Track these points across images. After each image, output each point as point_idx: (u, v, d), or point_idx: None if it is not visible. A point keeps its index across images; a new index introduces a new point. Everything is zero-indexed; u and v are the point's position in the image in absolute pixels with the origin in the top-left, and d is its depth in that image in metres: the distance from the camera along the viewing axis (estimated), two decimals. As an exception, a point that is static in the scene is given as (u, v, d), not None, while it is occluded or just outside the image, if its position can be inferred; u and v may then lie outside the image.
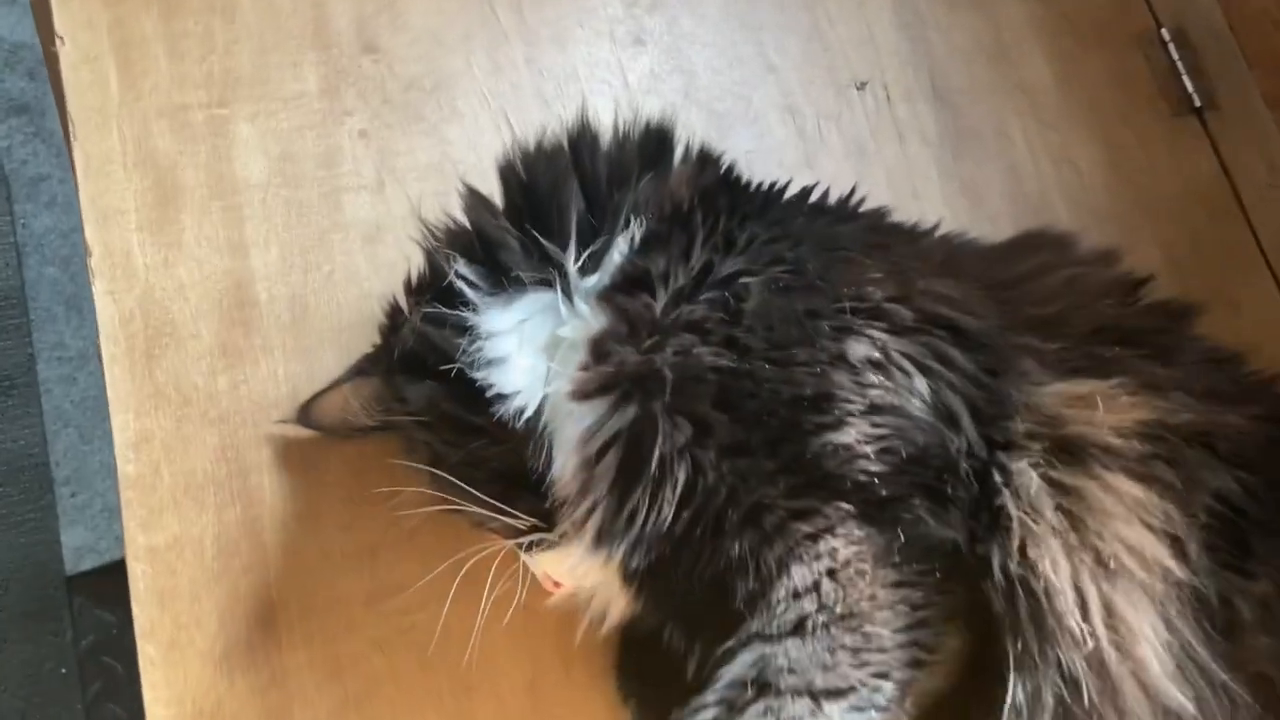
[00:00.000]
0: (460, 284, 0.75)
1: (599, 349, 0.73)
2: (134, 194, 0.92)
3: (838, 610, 0.68)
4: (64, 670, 1.58)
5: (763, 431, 0.70)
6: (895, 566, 0.69)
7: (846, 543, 0.69)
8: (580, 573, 0.78)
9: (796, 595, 0.68)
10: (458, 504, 0.79)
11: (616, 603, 0.80)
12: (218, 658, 0.85)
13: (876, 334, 0.72)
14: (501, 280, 0.76)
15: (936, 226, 0.88)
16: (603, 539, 0.73)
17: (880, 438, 0.70)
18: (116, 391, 0.88)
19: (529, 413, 0.74)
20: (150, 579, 0.85)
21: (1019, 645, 0.69)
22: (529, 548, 0.79)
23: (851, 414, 0.70)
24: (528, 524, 0.77)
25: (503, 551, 0.83)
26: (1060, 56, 1.19)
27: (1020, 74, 1.18)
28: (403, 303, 0.82)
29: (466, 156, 1.00)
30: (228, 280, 0.93)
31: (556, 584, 0.82)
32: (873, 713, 0.67)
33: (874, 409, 0.70)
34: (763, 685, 0.67)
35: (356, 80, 1.00)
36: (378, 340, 0.85)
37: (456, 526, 0.83)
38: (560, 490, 0.74)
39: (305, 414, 0.87)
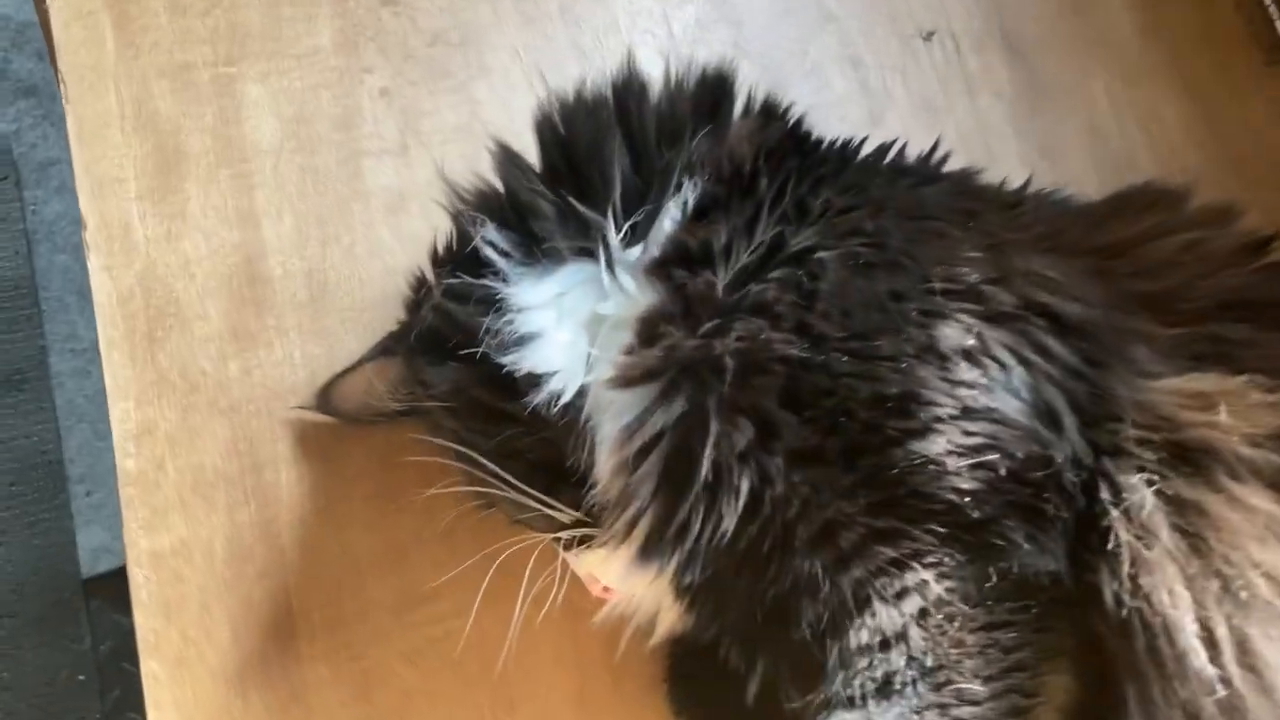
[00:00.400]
0: (489, 251, 0.66)
1: (648, 330, 0.64)
2: (133, 160, 0.83)
3: (928, 663, 0.60)
4: (82, 677, 1.51)
5: (839, 437, 0.61)
6: (986, 606, 0.60)
7: (938, 576, 0.60)
8: (628, 581, 0.69)
9: (884, 645, 0.60)
10: (495, 494, 0.70)
11: (667, 615, 0.72)
12: (230, 674, 0.77)
13: (970, 319, 0.63)
14: (535, 249, 0.67)
15: (1027, 185, 0.77)
16: (651, 550, 0.64)
17: (974, 449, 0.61)
18: (115, 378, 0.80)
19: (567, 398, 0.65)
20: (154, 587, 0.77)
21: (1138, 689, 0.60)
22: (572, 545, 0.70)
23: (941, 419, 0.61)
24: (572, 518, 0.68)
25: (540, 545, 0.74)
26: (1142, 5, 1.09)
27: (1099, 25, 1.08)
28: (429, 275, 0.73)
29: (497, 116, 0.91)
30: (237, 255, 0.84)
31: (605, 589, 0.73)
32: None
33: (967, 413, 0.61)
34: None
35: (376, 34, 0.91)
36: (403, 318, 0.76)
37: (495, 524, 0.75)
38: (601, 494, 0.65)
39: (324, 399, 0.79)
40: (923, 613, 0.60)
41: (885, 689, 0.60)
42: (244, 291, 0.83)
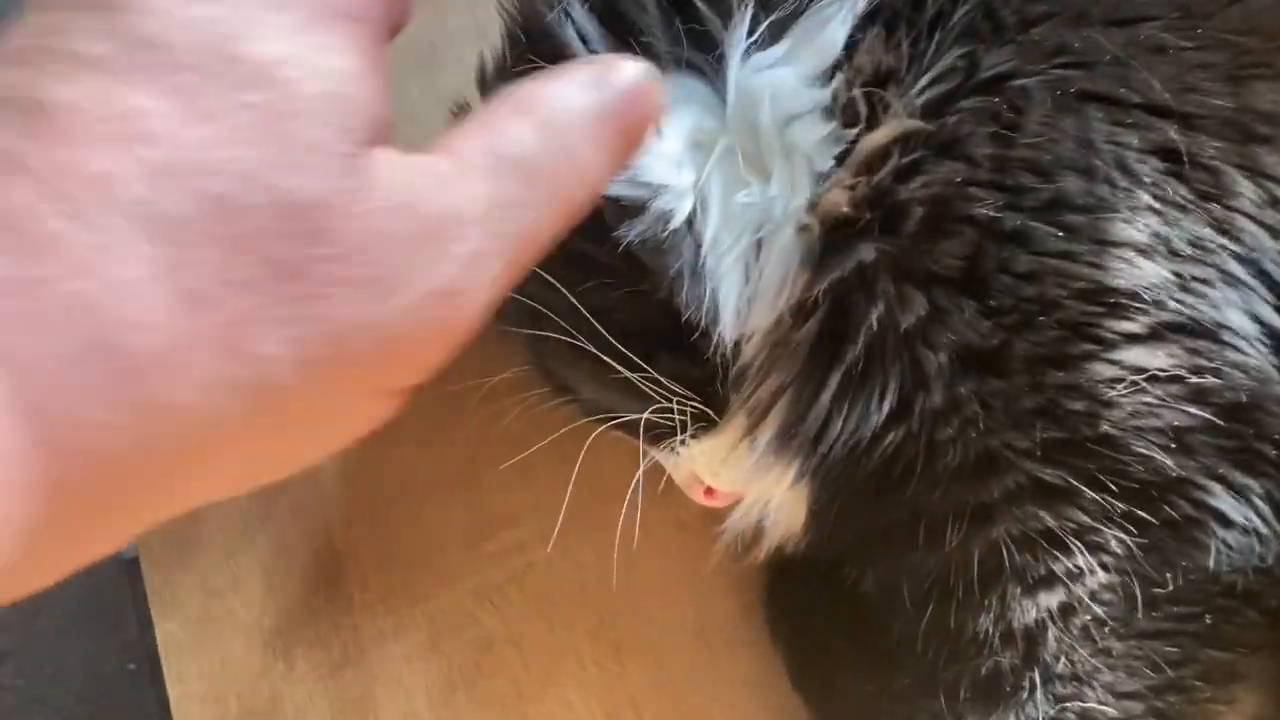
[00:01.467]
0: (572, 36, 0.50)
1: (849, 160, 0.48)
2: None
3: (1056, 669, 0.48)
4: (132, 666, 1.39)
5: (1029, 339, 0.46)
6: (1152, 611, 0.48)
7: (1097, 563, 0.47)
8: (747, 480, 0.54)
9: (1004, 639, 0.49)
10: (573, 376, 0.55)
11: (785, 524, 0.56)
12: (268, 632, 0.62)
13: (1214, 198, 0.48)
14: (629, 47, 0.50)
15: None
16: (784, 443, 0.50)
17: (1197, 369, 0.46)
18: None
19: (677, 222, 0.48)
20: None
21: None
22: (672, 437, 0.55)
23: (1162, 330, 0.46)
24: (676, 399, 0.52)
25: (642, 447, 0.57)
26: None
27: None
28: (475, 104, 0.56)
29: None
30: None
31: (709, 492, 0.58)
32: None
33: (1193, 327, 0.47)
34: None
35: None
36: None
37: (581, 429, 0.59)
38: (721, 365, 0.51)
39: None
40: (1065, 610, 0.48)
41: (990, 689, 0.49)
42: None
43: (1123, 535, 0.47)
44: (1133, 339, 0.46)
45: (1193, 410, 0.46)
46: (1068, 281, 0.46)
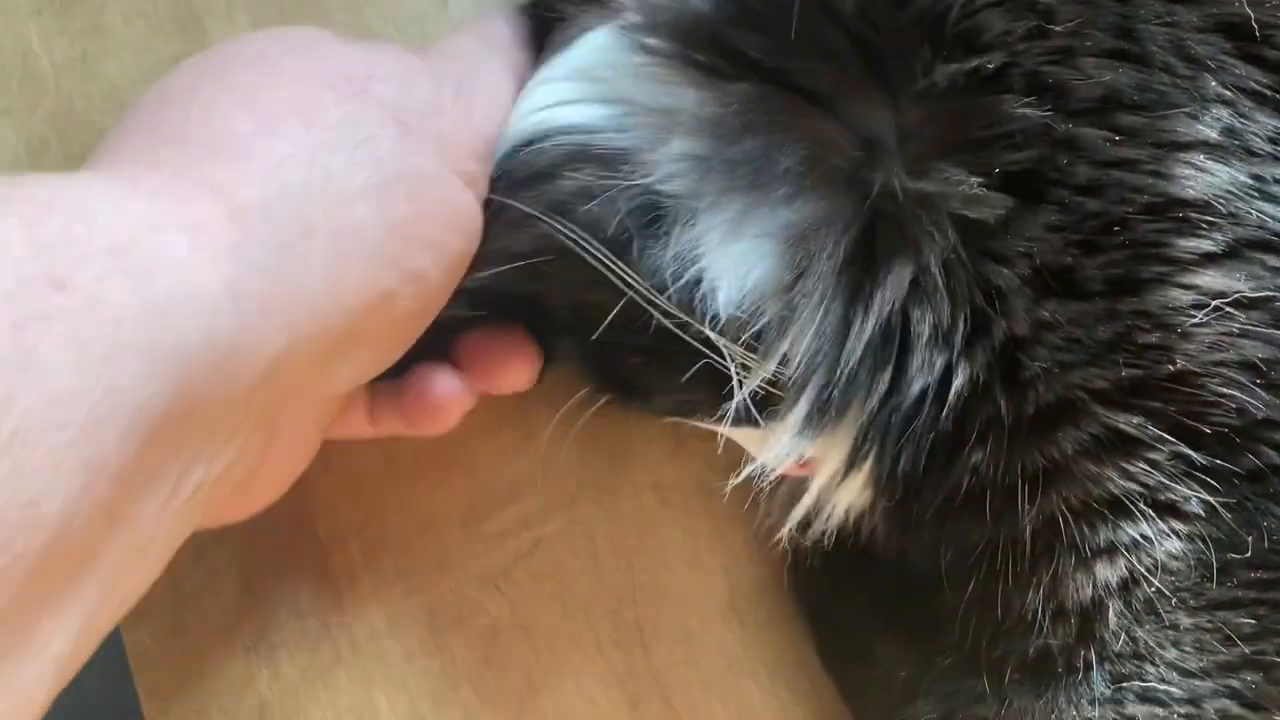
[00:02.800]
0: None
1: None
2: (21, -36, 0.60)
3: (1115, 647, 0.43)
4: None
5: (1100, 259, 0.40)
6: (1226, 580, 0.42)
7: (1167, 529, 0.42)
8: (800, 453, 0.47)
9: (1056, 616, 0.43)
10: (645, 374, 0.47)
11: (841, 499, 0.48)
12: (248, 638, 0.56)
13: None
14: None
15: None
16: (822, 408, 0.43)
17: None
18: (39, 259, 0.57)
19: None
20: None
21: None
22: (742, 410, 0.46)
23: (1239, 243, 0.41)
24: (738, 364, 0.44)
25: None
26: None
27: None
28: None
29: None
30: (181, 73, 0.60)
31: (805, 463, 0.49)
32: None
33: (1276, 243, 0.41)
34: None
35: None
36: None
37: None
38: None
39: None
40: (1127, 584, 0.43)
41: (1039, 669, 0.44)
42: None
43: (1201, 493, 0.41)
44: (1208, 259, 0.40)
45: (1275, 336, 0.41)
46: (1131, 195, 0.40)
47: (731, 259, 0.42)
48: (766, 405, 0.45)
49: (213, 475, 0.36)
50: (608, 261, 0.42)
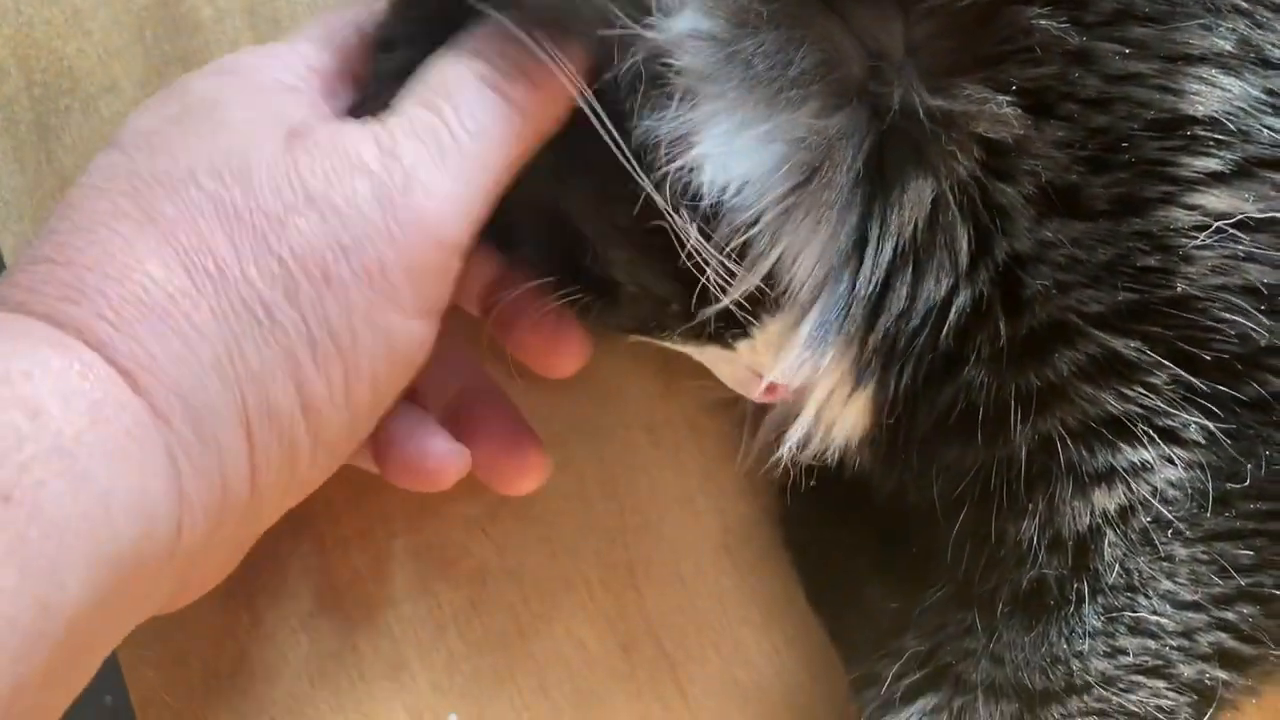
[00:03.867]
0: None
1: None
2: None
3: (1109, 579, 0.42)
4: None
5: (1109, 177, 0.39)
6: (1224, 510, 0.42)
7: (1166, 456, 0.41)
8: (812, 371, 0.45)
9: (1052, 546, 0.42)
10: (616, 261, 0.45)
11: (843, 419, 0.47)
12: (227, 584, 0.53)
13: None
14: None
15: None
16: (835, 323, 0.42)
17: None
18: (0, 194, 0.55)
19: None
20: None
21: None
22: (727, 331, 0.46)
23: (1249, 162, 0.39)
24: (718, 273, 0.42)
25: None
26: None
27: None
28: None
29: None
30: (148, -2, 0.58)
31: (771, 388, 0.48)
32: None
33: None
34: (939, 669, 0.45)
35: None
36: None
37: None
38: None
39: None
40: (1125, 513, 0.42)
41: (1032, 602, 0.43)
42: (164, 46, 0.58)
43: (1201, 419, 0.40)
44: (1215, 178, 0.39)
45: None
46: (1138, 110, 0.39)
47: (732, 151, 0.40)
48: (734, 325, 0.45)
49: (138, 620, 0.37)
50: (600, 114, 0.40)
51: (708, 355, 0.49)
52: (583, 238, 0.44)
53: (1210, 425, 0.41)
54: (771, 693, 0.54)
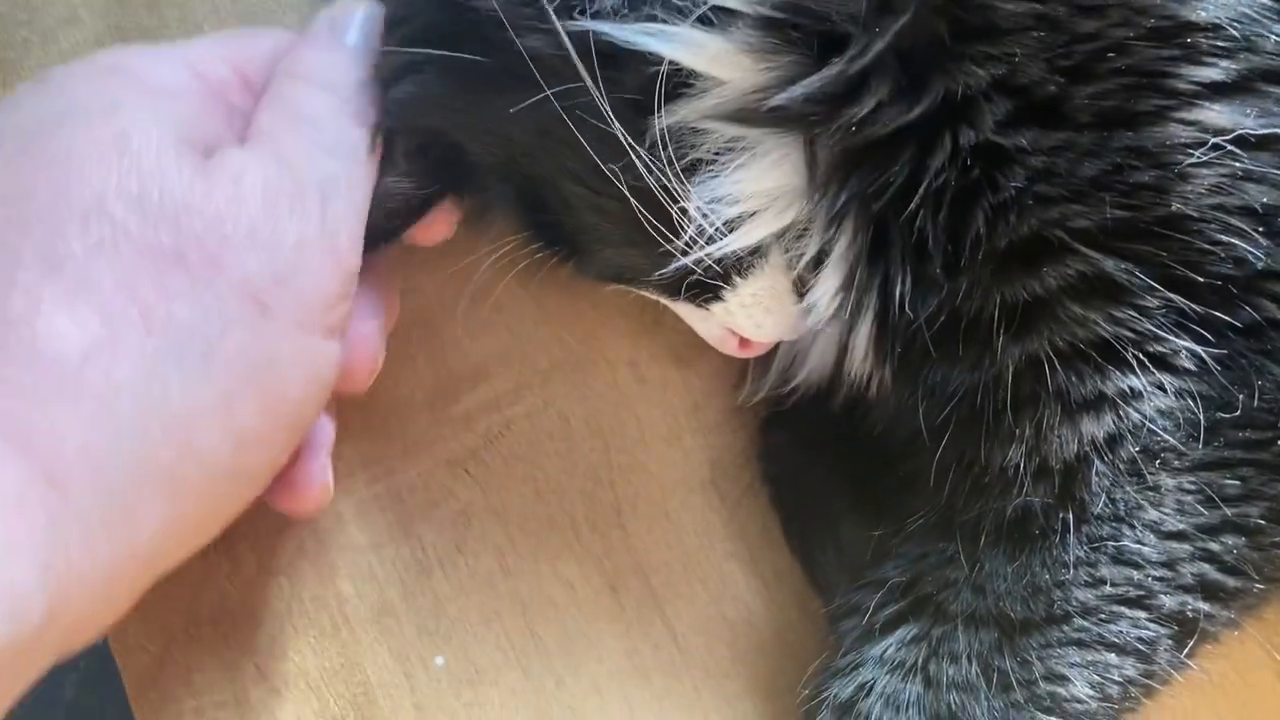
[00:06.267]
0: None
1: None
2: None
3: (1095, 509, 0.41)
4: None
5: (1093, 87, 0.38)
6: (1214, 439, 0.41)
7: (1157, 383, 0.40)
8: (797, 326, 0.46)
9: (1039, 475, 0.41)
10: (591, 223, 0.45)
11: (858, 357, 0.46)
12: None
13: None
14: None
15: None
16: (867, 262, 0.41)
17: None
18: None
19: None
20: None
21: None
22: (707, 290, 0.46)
23: (1252, 73, 0.38)
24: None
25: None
26: None
27: None
28: None
29: None
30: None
31: (744, 343, 0.49)
32: (1111, 656, 0.42)
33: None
34: (920, 599, 0.44)
35: None
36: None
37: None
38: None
39: None
40: (1113, 441, 0.41)
41: (1015, 531, 0.42)
42: (124, -26, 0.55)
43: (1194, 345, 0.39)
44: (1215, 90, 0.38)
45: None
46: (1135, 16, 0.37)
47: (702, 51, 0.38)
48: (706, 291, 0.45)
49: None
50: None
51: (682, 310, 0.49)
52: (553, 198, 0.44)
53: (1202, 351, 0.40)
54: (760, 628, 0.53)
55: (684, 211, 0.40)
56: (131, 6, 0.55)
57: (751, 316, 0.47)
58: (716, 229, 0.41)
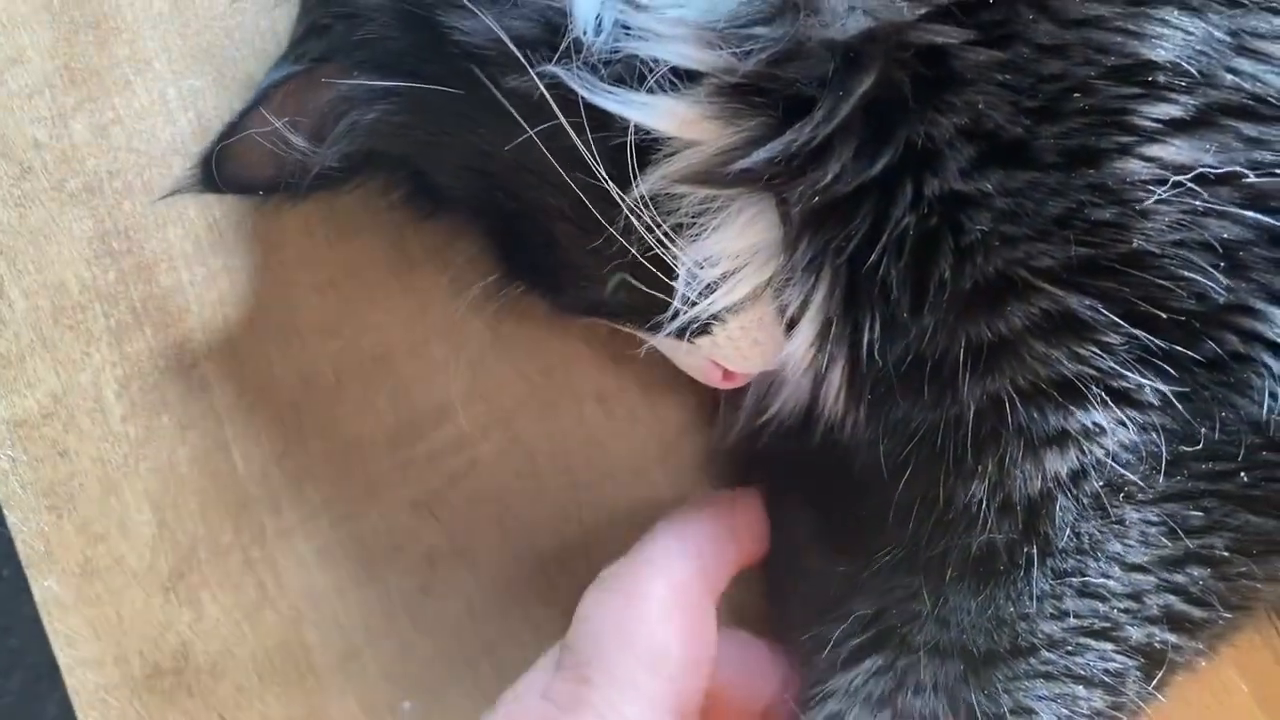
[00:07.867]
0: None
1: None
2: None
3: (1060, 543, 0.41)
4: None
5: (1059, 126, 0.38)
6: (1176, 472, 0.40)
7: (1120, 418, 0.40)
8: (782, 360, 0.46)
9: (1004, 510, 0.41)
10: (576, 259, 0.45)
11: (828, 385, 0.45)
12: (166, 578, 0.52)
13: None
14: None
15: None
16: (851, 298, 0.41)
17: (1256, 165, 0.38)
18: (-95, 178, 0.52)
19: None
20: (27, 469, 0.51)
21: None
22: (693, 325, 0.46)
23: (1211, 109, 0.38)
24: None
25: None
26: None
27: None
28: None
29: None
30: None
31: (728, 375, 0.48)
32: (1079, 688, 0.41)
33: (1251, 108, 0.38)
34: (884, 631, 0.44)
35: None
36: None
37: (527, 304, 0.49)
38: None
39: (214, 170, 0.47)
40: (1076, 476, 0.40)
41: (980, 566, 0.42)
42: (72, 10, 0.54)
43: (1156, 382, 0.39)
44: (1175, 126, 0.38)
45: (1250, 216, 0.38)
46: (1096, 55, 0.37)
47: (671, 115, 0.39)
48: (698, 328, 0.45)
49: None
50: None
51: (664, 345, 0.48)
52: (534, 234, 0.44)
53: (1165, 388, 0.39)
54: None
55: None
56: (80, 45, 0.53)
57: (739, 348, 0.46)
58: (705, 287, 0.42)
